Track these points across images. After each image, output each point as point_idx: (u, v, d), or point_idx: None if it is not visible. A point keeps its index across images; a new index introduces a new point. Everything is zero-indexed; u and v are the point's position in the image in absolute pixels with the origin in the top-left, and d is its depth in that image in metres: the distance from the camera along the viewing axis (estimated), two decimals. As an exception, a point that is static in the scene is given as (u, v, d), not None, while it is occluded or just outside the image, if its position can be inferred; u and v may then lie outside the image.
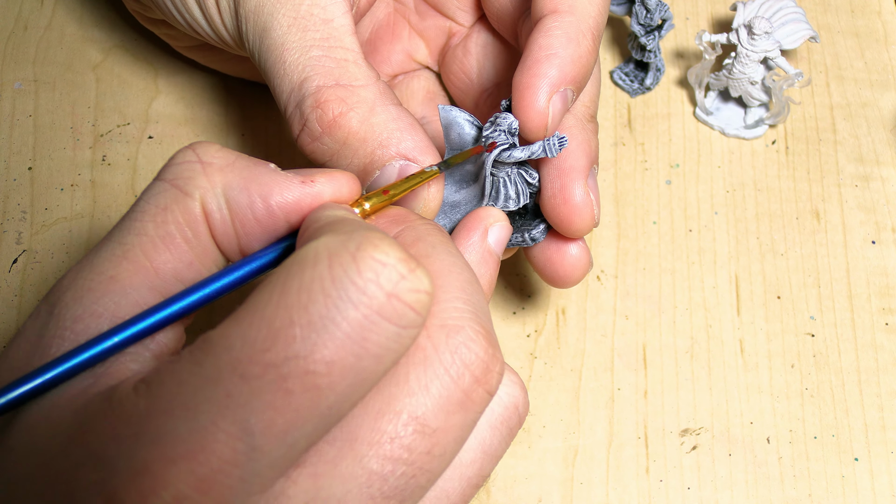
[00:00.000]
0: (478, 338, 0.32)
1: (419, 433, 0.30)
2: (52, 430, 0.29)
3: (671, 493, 0.48)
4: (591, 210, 0.42)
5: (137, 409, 0.28)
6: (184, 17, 0.45)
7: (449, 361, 0.31)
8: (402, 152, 0.40)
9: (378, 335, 0.28)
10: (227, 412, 0.27)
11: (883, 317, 0.52)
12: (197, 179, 0.33)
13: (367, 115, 0.40)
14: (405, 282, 0.28)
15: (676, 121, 0.57)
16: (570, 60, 0.40)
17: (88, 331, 0.31)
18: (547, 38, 0.40)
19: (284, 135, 0.56)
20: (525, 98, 0.40)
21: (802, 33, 0.54)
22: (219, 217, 0.33)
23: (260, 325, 0.28)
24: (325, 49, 0.41)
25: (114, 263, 0.32)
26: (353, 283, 0.28)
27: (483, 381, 0.31)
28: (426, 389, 0.31)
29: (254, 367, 0.27)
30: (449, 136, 0.42)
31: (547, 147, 0.40)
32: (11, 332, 0.50)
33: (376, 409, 0.30)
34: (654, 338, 0.51)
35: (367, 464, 0.30)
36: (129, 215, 0.33)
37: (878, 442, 0.49)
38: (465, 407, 0.31)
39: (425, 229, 0.35)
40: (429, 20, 0.51)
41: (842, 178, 0.56)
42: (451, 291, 0.32)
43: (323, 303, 0.28)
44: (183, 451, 0.27)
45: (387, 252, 0.28)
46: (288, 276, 0.28)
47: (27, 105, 0.56)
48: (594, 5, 0.41)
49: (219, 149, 0.34)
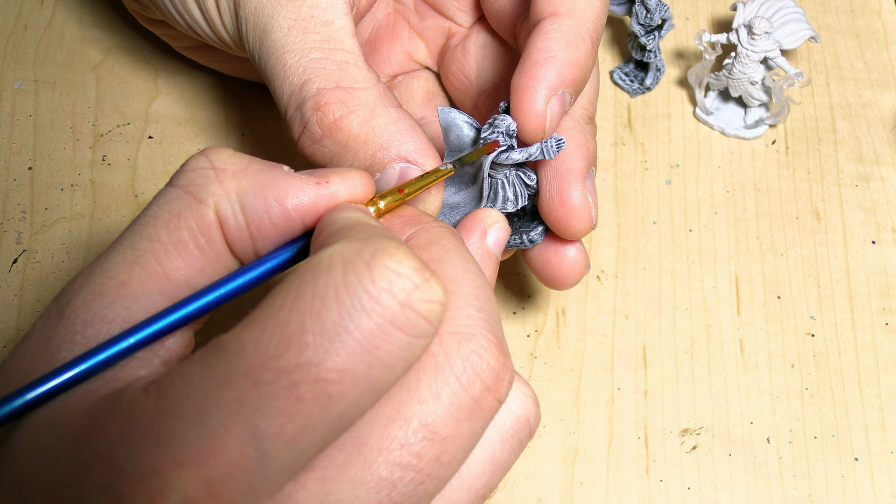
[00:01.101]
0: (489, 346, 0.32)
1: (429, 440, 0.30)
2: (59, 431, 0.29)
3: (671, 493, 0.48)
4: (588, 212, 0.42)
5: (147, 410, 0.28)
6: (183, 19, 0.45)
7: (460, 369, 0.31)
8: (403, 155, 0.40)
9: (390, 344, 0.28)
10: (237, 416, 0.27)
11: (883, 317, 0.52)
12: (211, 186, 0.33)
13: (367, 117, 0.40)
14: (419, 292, 0.28)
15: (676, 121, 0.57)
16: (568, 63, 0.40)
17: (99, 336, 0.31)
18: (545, 40, 0.40)
19: (284, 135, 0.56)
20: (523, 100, 0.40)
21: (802, 33, 0.54)
22: (234, 223, 0.33)
23: (273, 331, 0.28)
24: (325, 51, 0.41)
25: (125, 268, 0.32)
26: (367, 292, 0.28)
27: (493, 389, 0.31)
28: (437, 397, 0.31)
29: (265, 373, 0.27)
30: (448, 137, 0.42)
31: (545, 149, 0.40)
32: (11, 332, 0.50)
33: (386, 414, 0.30)
34: (654, 338, 0.51)
35: (377, 469, 0.30)
36: (141, 220, 0.33)
37: (878, 442, 0.49)
38: (475, 415, 0.31)
39: (439, 232, 0.35)
40: (428, 20, 0.52)
41: (842, 178, 0.56)
42: (463, 298, 0.33)
43: (336, 310, 0.28)
44: (192, 455, 0.27)
45: (401, 261, 0.28)
46: (302, 283, 0.28)
47: (27, 105, 0.56)
48: (593, 8, 0.41)
49: (231, 154, 0.34)
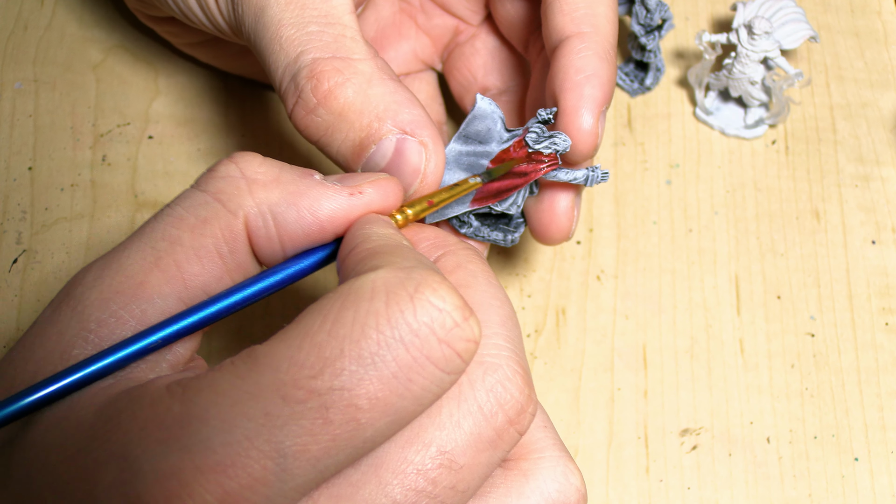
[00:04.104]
0: (515, 377, 0.31)
1: (446, 468, 0.30)
2: (71, 428, 0.29)
3: (671, 493, 0.48)
4: (570, 224, 0.43)
5: (171, 412, 0.28)
6: (179, 7, 0.45)
7: (484, 399, 0.31)
8: (400, 125, 0.39)
9: (423, 378, 0.28)
10: (263, 430, 0.27)
11: (883, 317, 0.52)
12: (242, 198, 0.33)
13: (363, 86, 0.39)
14: (458, 330, 0.29)
15: (676, 121, 0.57)
16: (607, 81, 0.41)
17: (112, 335, 0.31)
18: (581, 60, 0.41)
19: (285, 135, 0.56)
20: (575, 121, 0.40)
21: (802, 33, 0.54)
22: (264, 233, 0.33)
23: (309, 351, 0.28)
24: (322, 25, 0.40)
25: (144, 269, 0.32)
26: (408, 325, 0.28)
27: (516, 421, 0.31)
28: (458, 425, 0.31)
29: (298, 392, 0.27)
30: (473, 124, 0.42)
31: (591, 176, 0.41)
32: (12, 332, 0.50)
33: (405, 437, 0.30)
34: (654, 338, 0.51)
35: (391, 492, 0.30)
36: (164, 220, 0.33)
37: (878, 442, 0.49)
38: (495, 446, 0.31)
39: (465, 256, 0.35)
40: (436, 19, 0.51)
41: (842, 178, 0.56)
42: (491, 327, 0.32)
43: (375, 339, 0.28)
44: (213, 463, 0.27)
45: (444, 297, 0.29)
46: (343, 307, 0.28)
47: (27, 105, 0.56)
48: (612, 24, 0.42)
49: (261, 162, 0.34)
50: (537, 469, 0.33)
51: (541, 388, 0.50)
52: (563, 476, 0.34)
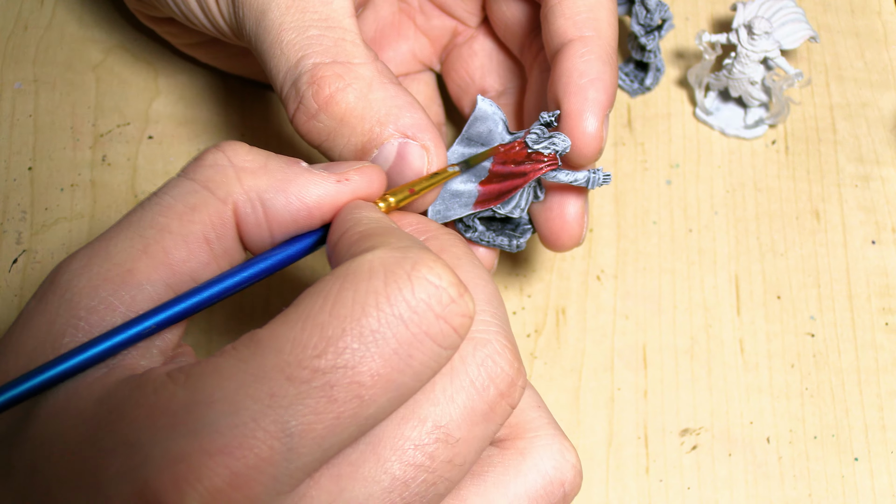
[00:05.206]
0: (504, 352, 0.32)
1: (442, 442, 0.31)
2: (74, 418, 0.29)
3: (671, 493, 0.48)
4: (581, 230, 0.43)
5: (176, 398, 0.28)
6: (180, 8, 0.45)
7: (475, 374, 0.32)
8: (402, 129, 0.39)
9: (423, 354, 0.29)
10: (269, 411, 0.28)
11: (883, 317, 0.52)
12: (230, 185, 0.33)
13: (364, 91, 0.39)
14: (454, 305, 0.29)
15: (676, 121, 0.57)
16: (610, 84, 0.41)
17: (103, 323, 0.31)
18: (584, 63, 0.41)
19: (284, 135, 0.56)
20: (579, 125, 0.40)
21: (802, 33, 0.54)
22: (253, 219, 0.34)
23: (312, 331, 0.28)
24: (323, 29, 0.40)
25: (133, 256, 0.32)
26: (407, 302, 0.29)
27: (507, 394, 0.32)
28: (452, 400, 0.31)
29: (302, 371, 0.28)
30: (474, 126, 0.42)
31: (592, 178, 0.41)
32: (11, 332, 0.50)
33: (401, 414, 0.31)
34: (654, 338, 0.51)
35: (390, 468, 0.30)
36: (151, 208, 0.33)
37: (878, 442, 0.49)
38: (488, 419, 0.32)
39: (448, 240, 0.36)
40: (434, 20, 0.52)
41: (842, 178, 0.56)
42: (478, 304, 0.33)
43: (376, 317, 0.29)
44: (221, 445, 0.27)
45: (440, 274, 0.29)
46: (343, 287, 0.29)
47: (27, 105, 0.56)
48: (613, 28, 0.42)
49: (248, 150, 0.34)
50: (533, 447, 0.34)
51: (541, 388, 0.50)
52: (559, 453, 0.34)
